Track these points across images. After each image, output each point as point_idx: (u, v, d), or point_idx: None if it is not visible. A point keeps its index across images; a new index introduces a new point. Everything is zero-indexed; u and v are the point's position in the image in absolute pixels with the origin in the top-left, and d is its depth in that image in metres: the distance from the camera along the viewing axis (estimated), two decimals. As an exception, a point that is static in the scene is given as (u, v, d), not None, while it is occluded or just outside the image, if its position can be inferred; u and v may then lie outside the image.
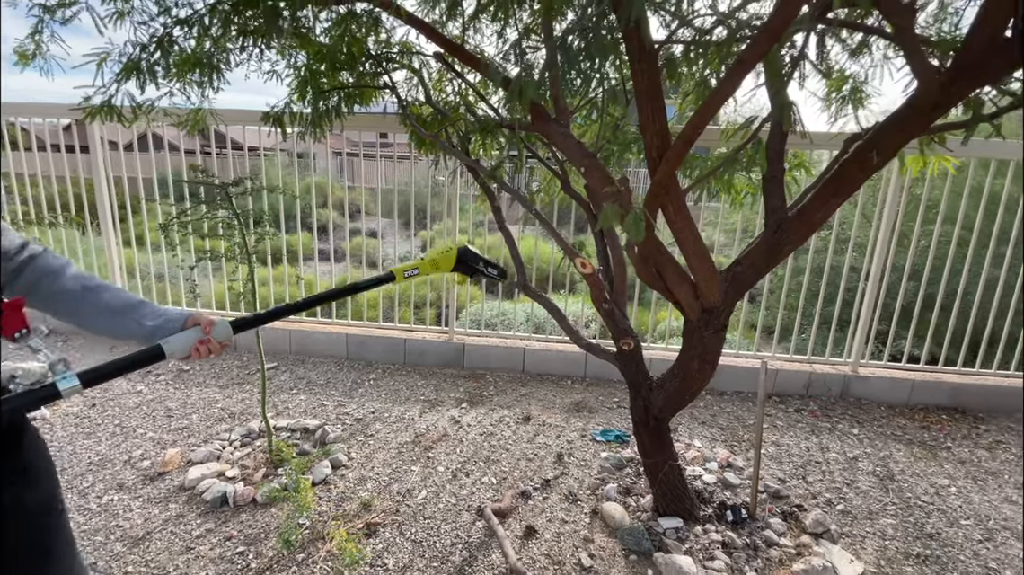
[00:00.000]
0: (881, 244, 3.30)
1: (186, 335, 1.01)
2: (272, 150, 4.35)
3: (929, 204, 3.53)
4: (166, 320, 1.02)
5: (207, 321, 1.04)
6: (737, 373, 3.46)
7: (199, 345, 1.02)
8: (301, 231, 4.18)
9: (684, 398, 1.87)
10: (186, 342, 1.01)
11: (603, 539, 2.08)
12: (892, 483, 2.57)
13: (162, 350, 0.98)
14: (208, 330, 1.03)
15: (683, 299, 1.58)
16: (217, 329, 1.04)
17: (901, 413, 3.30)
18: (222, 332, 1.05)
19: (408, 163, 3.62)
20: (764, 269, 1.52)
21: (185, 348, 1.01)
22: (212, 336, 1.03)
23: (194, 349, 1.02)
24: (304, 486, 2.05)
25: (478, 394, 3.31)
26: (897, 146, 1.19)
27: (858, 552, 2.08)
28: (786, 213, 1.45)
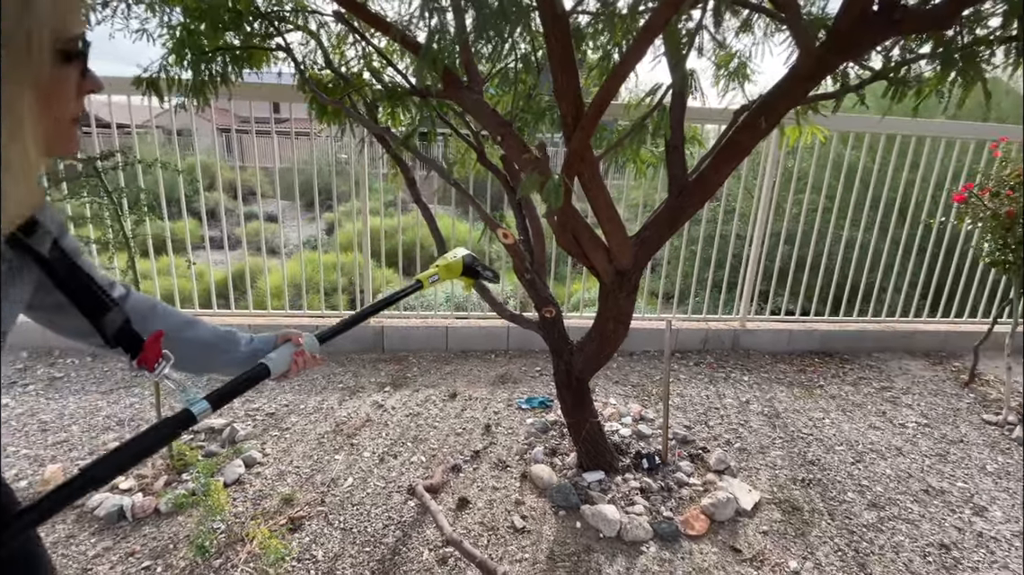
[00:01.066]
0: (761, 213, 3.67)
1: (283, 350, 1.02)
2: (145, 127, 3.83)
3: (799, 176, 3.97)
4: (261, 341, 1.05)
5: (296, 335, 1.06)
6: (644, 335, 3.71)
7: (296, 357, 1.03)
8: (188, 217, 3.75)
9: (602, 358, 1.97)
10: (285, 357, 1.02)
11: (533, 500, 2.16)
12: (778, 420, 2.92)
13: (267, 368, 0.98)
14: (299, 341, 1.05)
15: (598, 263, 1.65)
16: (307, 342, 1.06)
17: (782, 359, 3.74)
18: (311, 345, 1.07)
19: (307, 140, 3.38)
20: (668, 232, 1.63)
21: (285, 363, 1.02)
22: (304, 348, 1.05)
23: (293, 363, 1.03)
24: (215, 488, 1.90)
25: (401, 376, 3.25)
26: (781, 112, 1.32)
27: (754, 482, 2.35)
28: (687, 179, 1.56)
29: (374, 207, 4.18)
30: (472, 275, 1.45)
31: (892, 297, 4.10)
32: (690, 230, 5.07)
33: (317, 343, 1.09)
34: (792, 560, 1.92)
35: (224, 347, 1.00)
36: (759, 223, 3.69)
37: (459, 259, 1.41)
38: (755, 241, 3.72)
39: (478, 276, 1.48)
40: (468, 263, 1.42)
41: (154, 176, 3.22)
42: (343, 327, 1.15)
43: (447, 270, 1.38)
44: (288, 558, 1.82)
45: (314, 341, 1.09)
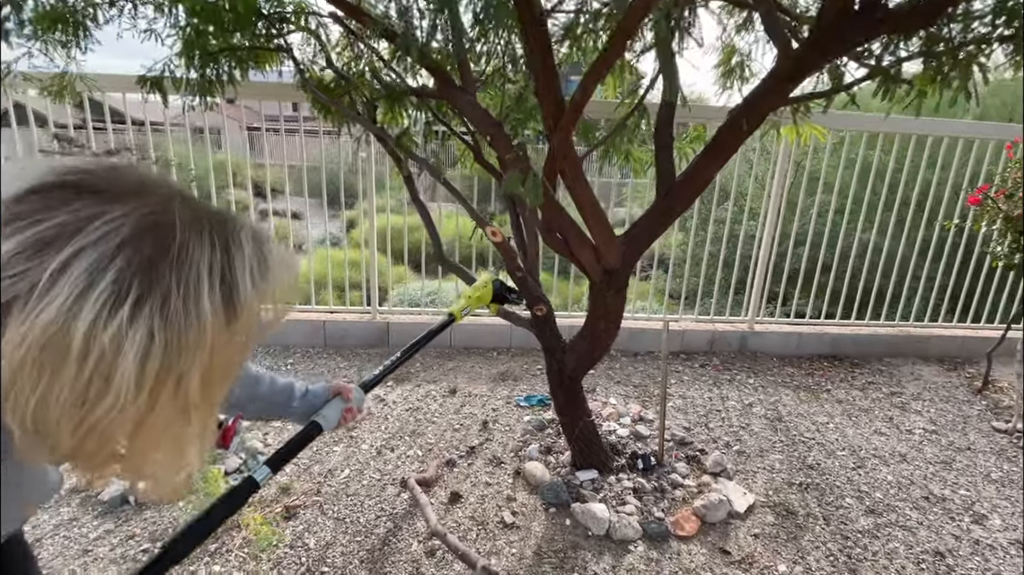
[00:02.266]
0: (771, 212, 3.62)
1: (334, 406, 1.08)
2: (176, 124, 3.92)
3: (813, 175, 3.89)
4: (315, 396, 1.09)
5: (347, 389, 1.12)
6: (649, 335, 3.69)
7: (346, 414, 1.11)
8: None
9: (593, 357, 1.98)
10: (336, 414, 1.08)
11: (525, 496, 2.17)
12: (780, 424, 2.88)
13: (320, 425, 1.05)
14: (349, 397, 1.12)
15: (586, 262, 1.66)
16: (355, 395, 1.14)
17: (790, 363, 3.69)
18: (359, 398, 1.15)
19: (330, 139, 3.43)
20: (657, 231, 1.63)
21: (336, 420, 1.09)
22: (353, 404, 1.12)
23: (343, 419, 1.11)
24: (214, 476, 1.96)
25: (404, 372, 3.29)
26: (763, 114, 1.31)
27: (750, 485, 2.33)
28: (674, 179, 1.56)
29: (393, 205, 4.24)
30: (500, 300, 1.53)
31: (907, 301, 3.99)
32: (698, 231, 5.03)
33: (363, 394, 1.17)
34: (781, 564, 1.90)
35: (283, 403, 1.06)
36: (769, 223, 3.64)
37: (488, 287, 1.49)
38: (765, 241, 3.67)
39: (505, 301, 1.55)
40: (497, 289, 1.50)
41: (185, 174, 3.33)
42: (384, 373, 1.25)
43: (477, 300, 1.46)
44: (280, 545, 1.87)
45: (361, 394, 1.16)
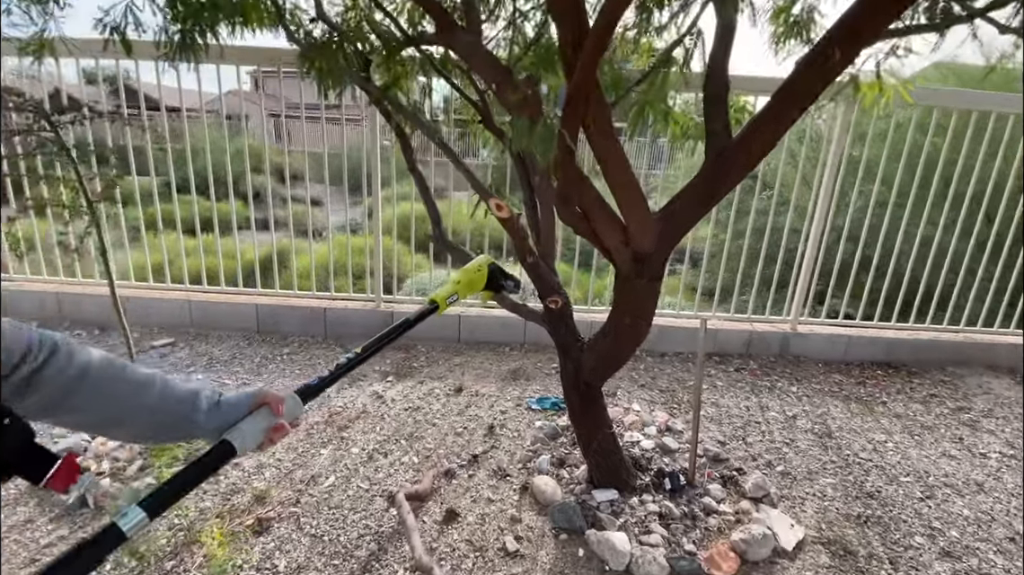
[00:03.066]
0: (821, 205, 3.21)
1: (255, 421, 0.82)
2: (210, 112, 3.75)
3: (867, 165, 3.45)
4: (230, 408, 0.82)
5: (275, 399, 0.85)
6: (678, 334, 3.34)
7: (272, 433, 0.84)
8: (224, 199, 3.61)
9: (617, 360, 1.66)
10: (257, 432, 0.82)
11: (532, 518, 1.87)
12: (830, 440, 2.51)
13: (232, 447, 0.78)
14: (279, 410, 0.85)
15: (611, 244, 1.34)
16: (288, 407, 0.87)
17: (838, 369, 3.29)
18: (293, 409, 0.88)
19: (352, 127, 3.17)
20: (702, 207, 1.29)
21: (257, 437, 0.82)
22: (283, 417, 0.86)
23: (268, 439, 0.84)
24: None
25: (407, 366, 3.02)
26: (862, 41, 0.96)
27: (798, 516, 1.98)
28: (729, 138, 1.22)
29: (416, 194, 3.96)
30: (494, 287, 1.31)
31: (972, 304, 3.53)
32: (737, 222, 4.60)
33: (300, 404, 0.89)
34: (843, 621, 1.56)
35: (181, 417, 0.78)
36: (818, 216, 3.23)
37: (483, 271, 1.26)
38: (812, 235, 3.27)
39: (500, 288, 1.34)
40: (492, 274, 1.28)
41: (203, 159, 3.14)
42: (335, 376, 0.96)
43: (468, 286, 1.24)
44: (246, 566, 1.62)
45: (296, 403, 0.89)
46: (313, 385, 0.92)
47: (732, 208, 3.51)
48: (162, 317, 3.32)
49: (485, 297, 1.42)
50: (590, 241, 1.39)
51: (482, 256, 1.33)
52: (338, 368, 0.96)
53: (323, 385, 0.93)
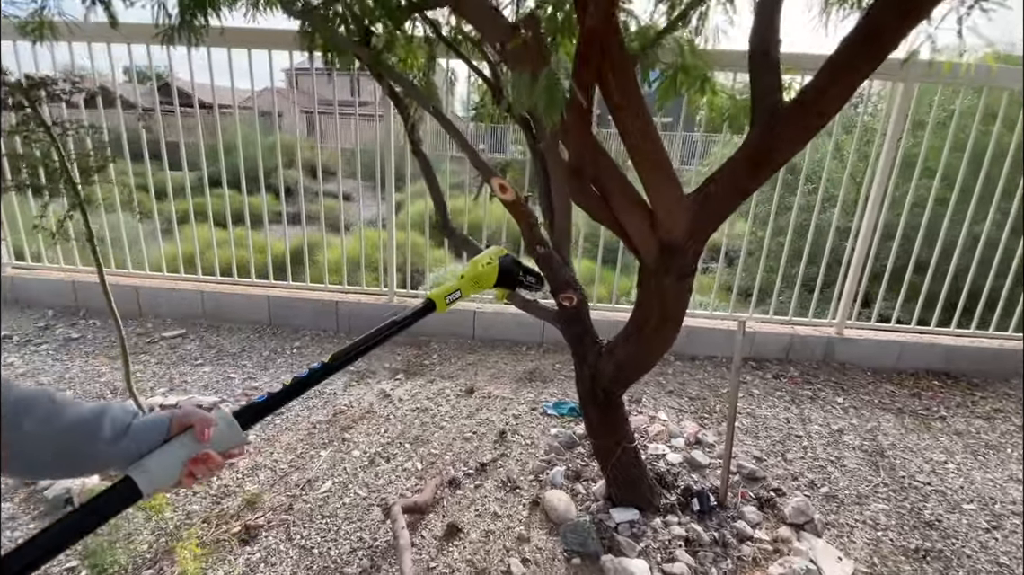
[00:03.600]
0: (873, 201, 2.91)
1: (169, 452, 0.64)
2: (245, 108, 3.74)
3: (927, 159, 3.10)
4: (141, 433, 0.64)
5: (202, 422, 0.67)
6: (711, 336, 3.09)
7: (193, 466, 0.65)
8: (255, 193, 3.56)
9: (639, 367, 1.45)
10: (171, 463, 0.64)
11: (542, 538, 1.69)
12: (882, 460, 2.24)
13: (135, 486, 0.61)
14: (205, 436, 0.66)
15: (634, 231, 1.14)
16: (219, 432, 0.67)
17: (889, 378, 2.98)
18: (226, 435, 0.68)
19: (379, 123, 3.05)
20: (748, 185, 1.07)
21: (170, 472, 0.64)
22: (210, 447, 0.66)
23: (187, 474, 0.65)
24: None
25: (418, 363, 2.87)
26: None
27: (846, 547, 1.74)
28: (780, 99, 1.00)
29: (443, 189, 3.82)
30: (510, 284, 1.12)
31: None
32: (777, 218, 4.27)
33: (238, 429, 0.70)
34: None
35: (77, 447, 0.61)
36: (869, 212, 2.93)
37: (493, 265, 1.07)
38: (863, 233, 2.97)
39: (518, 284, 1.14)
40: (506, 269, 1.08)
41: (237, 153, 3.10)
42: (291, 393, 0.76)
43: (474, 282, 1.04)
44: (228, 580, 1.49)
45: (232, 428, 0.69)
46: (259, 404, 0.73)
47: (773, 203, 3.22)
48: (175, 308, 3.27)
49: (500, 296, 1.24)
50: (609, 227, 1.19)
51: (493, 247, 1.13)
52: (295, 383, 0.76)
53: (272, 404, 0.73)
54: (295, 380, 0.77)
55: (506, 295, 1.25)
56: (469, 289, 1.05)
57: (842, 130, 4.96)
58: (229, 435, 0.69)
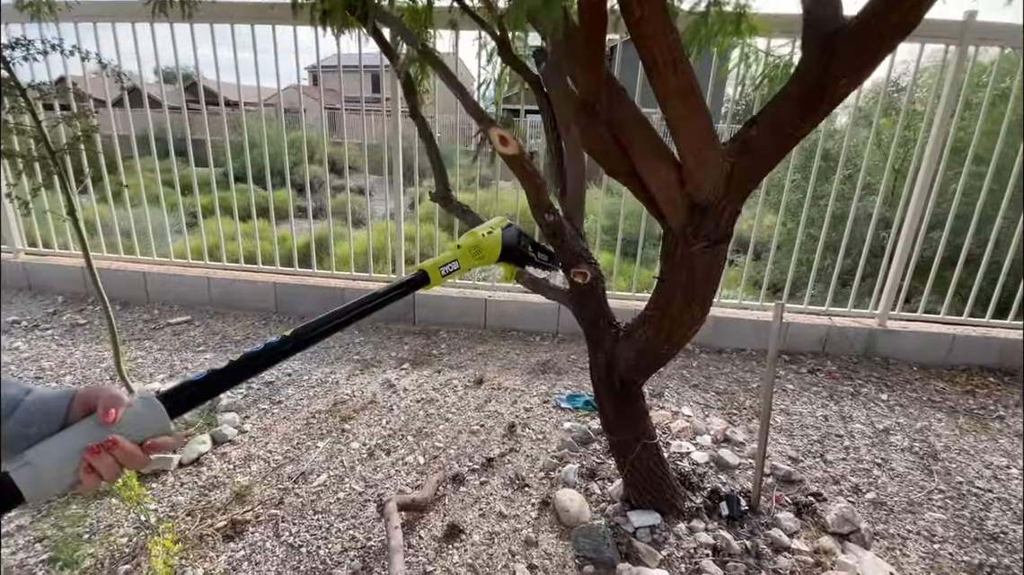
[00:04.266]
0: (919, 187, 2.65)
1: (64, 440, 0.49)
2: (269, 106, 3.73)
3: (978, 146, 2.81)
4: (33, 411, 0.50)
5: (109, 400, 0.51)
6: (740, 327, 2.87)
7: (92, 457, 0.49)
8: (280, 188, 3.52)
9: (662, 352, 1.28)
10: (65, 457, 0.48)
11: (552, 541, 1.53)
12: (936, 463, 2.01)
13: (15, 489, 0.46)
14: (111, 417, 0.50)
15: (659, 189, 0.96)
16: (132, 415, 0.52)
17: (938, 374, 2.72)
18: (144, 418, 0.52)
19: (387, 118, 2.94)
20: (794, 131, 0.89)
21: (64, 468, 0.48)
22: (117, 431, 0.50)
23: (84, 468, 0.49)
24: (130, 476, 1.48)
25: (425, 353, 2.73)
26: None
27: (899, 561, 1.53)
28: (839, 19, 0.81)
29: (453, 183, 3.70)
30: (515, 260, 0.98)
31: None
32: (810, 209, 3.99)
33: (163, 413, 0.54)
34: None
35: None
36: (916, 200, 2.67)
37: (496, 234, 0.92)
38: (909, 221, 2.71)
39: (527, 261, 1.01)
40: (510, 241, 0.94)
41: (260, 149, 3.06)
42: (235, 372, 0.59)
43: (474, 253, 0.90)
44: (207, 579, 1.37)
45: (154, 411, 0.53)
46: (193, 383, 0.56)
47: (808, 192, 2.97)
48: (182, 295, 3.20)
49: (507, 276, 1.08)
50: (626, 183, 1.02)
51: (497, 217, 0.97)
52: (246, 360, 0.60)
53: (210, 386, 0.57)
54: (245, 355, 0.60)
55: (514, 274, 1.09)
56: (468, 260, 0.90)
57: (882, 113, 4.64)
58: (148, 419, 0.53)
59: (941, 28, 2.42)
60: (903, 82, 5.33)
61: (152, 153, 3.20)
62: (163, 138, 3.24)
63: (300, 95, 7.43)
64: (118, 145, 3.21)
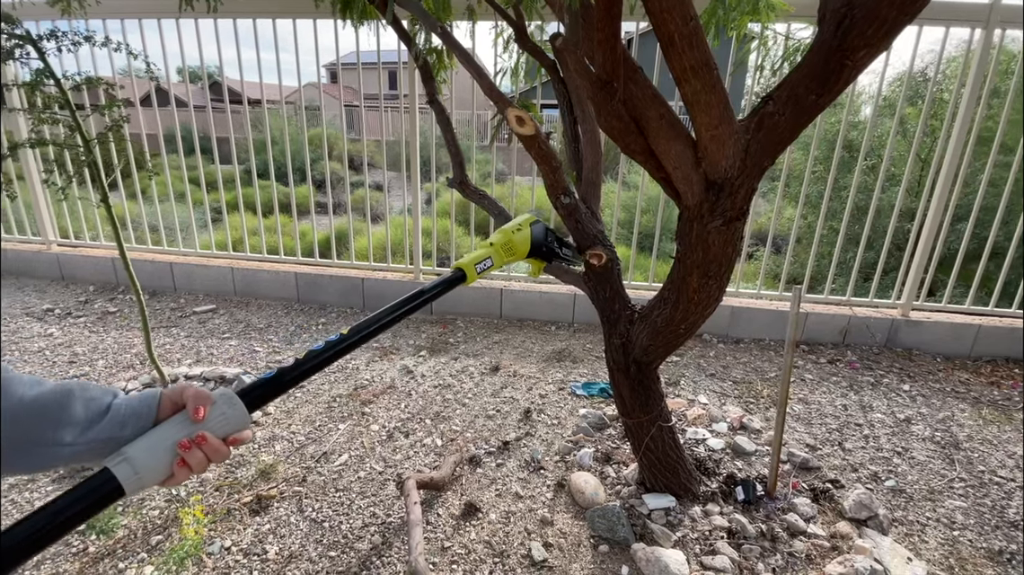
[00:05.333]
0: (944, 175, 2.59)
1: (158, 437, 0.52)
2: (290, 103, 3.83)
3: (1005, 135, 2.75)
4: (126, 413, 0.53)
5: (198, 398, 0.54)
6: (758, 317, 2.85)
7: (185, 452, 0.52)
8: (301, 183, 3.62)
9: (678, 333, 1.29)
10: (159, 449, 0.52)
11: (567, 521, 1.55)
12: (958, 452, 1.98)
13: (116, 482, 0.49)
14: (200, 414, 0.54)
15: (675, 166, 0.97)
16: (217, 412, 0.55)
17: (962, 365, 2.67)
18: (228, 415, 0.55)
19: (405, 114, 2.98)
20: (813, 106, 0.89)
21: (160, 461, 0.52)
22: (205, 427, 0.54)
23: (178, 463, 0.52)
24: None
25: (442, 341, 2.77)
26: None
27: (917, 547, 1.52)
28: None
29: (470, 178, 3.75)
30: (543, 256, 1.04)
31: None
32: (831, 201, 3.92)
33: (243, 410, 0.57)
34: None
35: (34, 432, 0.49)
36: (940, 189, 2.62)
37: (525, 231, 0.99)
38: (933, 210, 2.66)
39: (554, 257, 1.06)
40: (539, 238, 1.01)
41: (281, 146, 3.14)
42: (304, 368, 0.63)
43: (506, 250, 0.97)
44: (234, 548, 1.42)
45: (236, 408, 0.57)
46: (265, 381, 0.60)
47: (828, 183, 2.93)
48: (207, 284, 3.29)
49: (534, 271, 1.13)
50: (642, 163, 1.03)
51: (523, 215, 1.02)
52: (310, 357, 0.63)
53: (283, 383, 0.61)
54: (309, 354, 0.64)
55: (540, 269, 1.14)
56: (501, 257, 0.96)
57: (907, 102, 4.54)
58: (231, 416, 0.56)
59: (966, 11, 2.37)
60: (929, 72, 5.22)
61: (178, 151, 3.30)
62: (187, 137, 3.35)
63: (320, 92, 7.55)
64: (146, 142, 3.31)
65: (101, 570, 1.35)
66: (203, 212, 4.27)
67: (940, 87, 4.78)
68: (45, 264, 3.47)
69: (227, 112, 3.23)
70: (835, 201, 5.31)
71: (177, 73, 4.68)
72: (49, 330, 2.78)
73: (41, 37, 1.44)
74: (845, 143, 3.50)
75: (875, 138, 5.13)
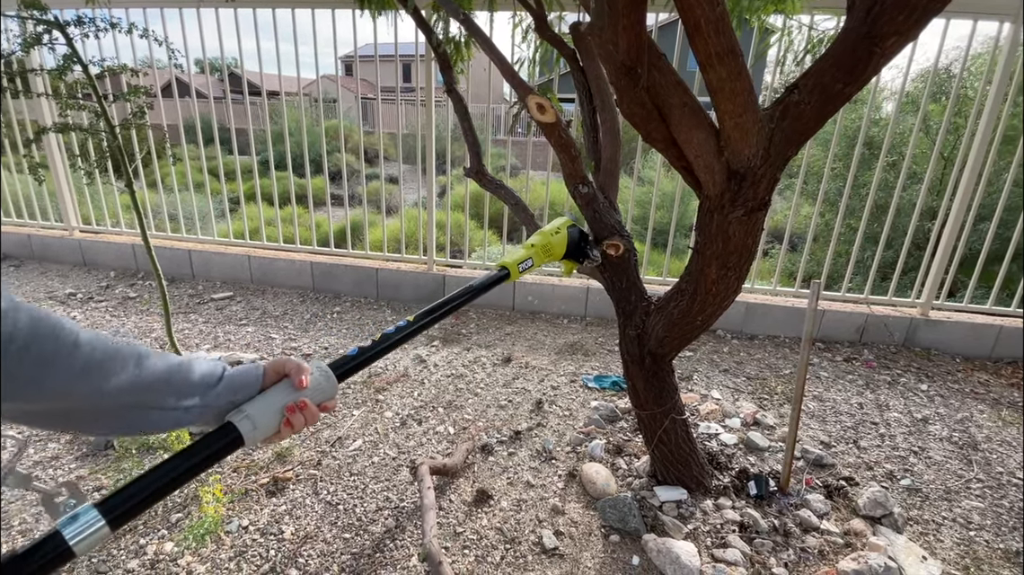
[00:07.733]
0: (968, 174, 2.54)
1: (270, 399, 0.61)
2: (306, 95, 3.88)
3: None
4: (235, 381, 0.61)
5: (298, 369, 0.63)
6: (773, 313, 2.83)
7: (290, 414, 0.61)
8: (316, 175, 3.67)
9: (694, 325, 1.28)
10: (271, 410, 0.61)
11: (578, 511, 1.56)
12: (975, 453, 1.95)
13: (238, 434, 0.58)
14: (302, 383, 0.62)
15: (697, 155, 0.97)
16: (315, 381, 0.64)
17: (982, 366, 2.63)
18: (323, 385, 0.65)
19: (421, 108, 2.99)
20: (840, 93, 0.88)
21: (271, 420, 0.61)
22: (306, 395, 0.63)
23: (284, 423, 0.62)
24: (183, 435, 1.58)
25: (455, 332, 2.79)
26: None
27: (932, 546, 1.51)
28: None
29: None
30: (575, 256, 1.13)
31: None
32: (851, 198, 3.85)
33: (334, 380, 0.66)
34: None
35: (164, 395, 0.55)
36: (963, 188, 2.57)
37: (562, 233, 1.06)
38: (955, 209, 2.61)
39: (584, 257, 1.14)
40: (574, 240, 1.09)
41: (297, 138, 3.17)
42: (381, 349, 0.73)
43: (544, 251, 1.04)
44: (251, 528, 1.45)
45: (328, 379, 0.66)
46: (351, 357, 0.70)
47: (848, 180, 2.88)
48: (224, 272, 3.34)
49: (567, 271, 1.20)
50: (664, 151, 1.02)
51: (561, 218, 1.09)
52: (384, 338, 0.74)
53: (364, 359, 0.71)
54: (384, 335, 0.75)
55: (573, 269, 1.20)
56: (540, 258, 1.03)
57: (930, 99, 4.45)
58: (324, 386, 0.65)
59: (996, 4, 2.31)
60: (955, 69, 5.10)
61: (197, 141, 3.34)
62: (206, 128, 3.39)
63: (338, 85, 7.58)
64: (167, 131, 3.36)
65: (123, 546, 1.39)
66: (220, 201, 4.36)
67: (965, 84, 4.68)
68: (68, 249, 3.54)
69: (245, 103, 3.26)
70: (854, 199, 5.24)
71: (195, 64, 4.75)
72: (72, 314, 2.84)
73: (68, 23, 1.47)
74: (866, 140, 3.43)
75: (896, 135, 5.05)
